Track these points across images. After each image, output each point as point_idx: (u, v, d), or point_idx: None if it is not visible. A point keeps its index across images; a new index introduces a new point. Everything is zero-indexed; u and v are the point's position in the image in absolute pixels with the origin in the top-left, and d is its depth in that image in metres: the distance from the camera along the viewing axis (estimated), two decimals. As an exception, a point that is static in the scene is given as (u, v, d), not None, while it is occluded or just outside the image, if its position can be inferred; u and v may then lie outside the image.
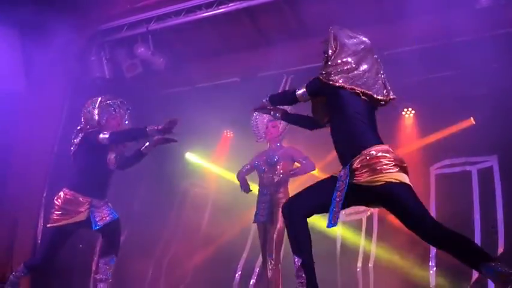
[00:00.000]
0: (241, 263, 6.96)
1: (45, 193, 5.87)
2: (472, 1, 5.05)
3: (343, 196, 2.88)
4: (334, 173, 3.08)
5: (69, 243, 4.28)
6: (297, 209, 2.98)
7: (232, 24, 6.11)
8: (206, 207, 7.88)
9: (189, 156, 8.06)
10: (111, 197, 4.35)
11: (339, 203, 2.89)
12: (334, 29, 3.19)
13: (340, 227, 6.62)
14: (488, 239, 5.64)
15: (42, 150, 6.08)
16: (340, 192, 2.90)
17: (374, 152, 2.86)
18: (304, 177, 4.99)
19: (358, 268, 6.35)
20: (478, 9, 5.03)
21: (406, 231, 2.92)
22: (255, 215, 4.89)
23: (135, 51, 6.40)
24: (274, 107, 3.57)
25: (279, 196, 4.74)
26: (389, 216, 6.21)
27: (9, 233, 5.86)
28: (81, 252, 6.30)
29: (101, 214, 4.15)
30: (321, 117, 3.32)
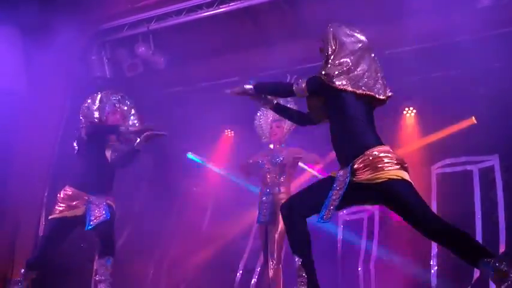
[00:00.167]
0: (243, 263, 6.95)
1: (47, 192, 5.88)
2: (473, 0, 5.04)
3: (341, 195, 2.87)
4: (332, 172, 3.08)
5: (70, 243, 4.28)
6: (296, 209, 2.97)
7: (233, 24, 6.11)
8: (207, 207, 7.87)
9: (189, 155, 8.05)
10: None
11: (335, 201, 2.88)
12: (334, 26, 3.16)
13: (341, 226, 6.62)
14: (489, 238, 5.64)
15: (43, 149, 6.09)
16: (337, 191, 2.90)
17: (376, 152, 2.86)
18: (305, 177, 4.98)
19: (359, 268, 6.35)
20: (479, 8, 5.03)
21: (407, 231, 2.92)
22: (258, 216, 4.88)
23: (136, 51, 6.42)
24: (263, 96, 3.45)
25: (281, 197, 4.72)
26: (390, 216, 6.23)
27: (11, 233, 5.86)
28: (82, 252, 6.29)
29: (95, 213, 4.13)
30: (316, 115, 3.30)
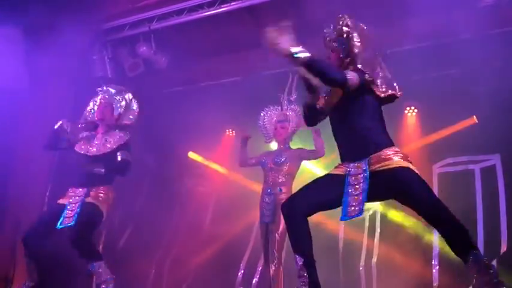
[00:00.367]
0: (244, 263, 6.95)
1: (48, 193, 5.87)
2: (475, -1, 5.04)
3: (365, 187, 2.89)
4: (331, 171, 3.08)
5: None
6: (298, 208, 2.96)
7: (234, 23, 6.10)
8: (208, 207, 7.86)
9: (191, 155, 8.05)
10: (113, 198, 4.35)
11: (359, 195, 2.89)
12: (356, 23, 3.19)
13: (342, 225, 6.61)
14: (491, 238, 5.63)
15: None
16: (358, 185, 2.92)
17: (390, 152, 2.96)
18: (306, 177, 4.97)
19: (360, 266, 6.34)
20: (481, 7, 5.01)
21: (408, 229, 2.95)
22: (260, 216, 4.88)
23: (137, 51, 6.43)
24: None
25: (282, 196, 4.71)
26: (392, 214, 6.23)
27: (11, 233, 5.86)
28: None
29: (68, 213, 4.11)
30: (325, 112, 3.26)
